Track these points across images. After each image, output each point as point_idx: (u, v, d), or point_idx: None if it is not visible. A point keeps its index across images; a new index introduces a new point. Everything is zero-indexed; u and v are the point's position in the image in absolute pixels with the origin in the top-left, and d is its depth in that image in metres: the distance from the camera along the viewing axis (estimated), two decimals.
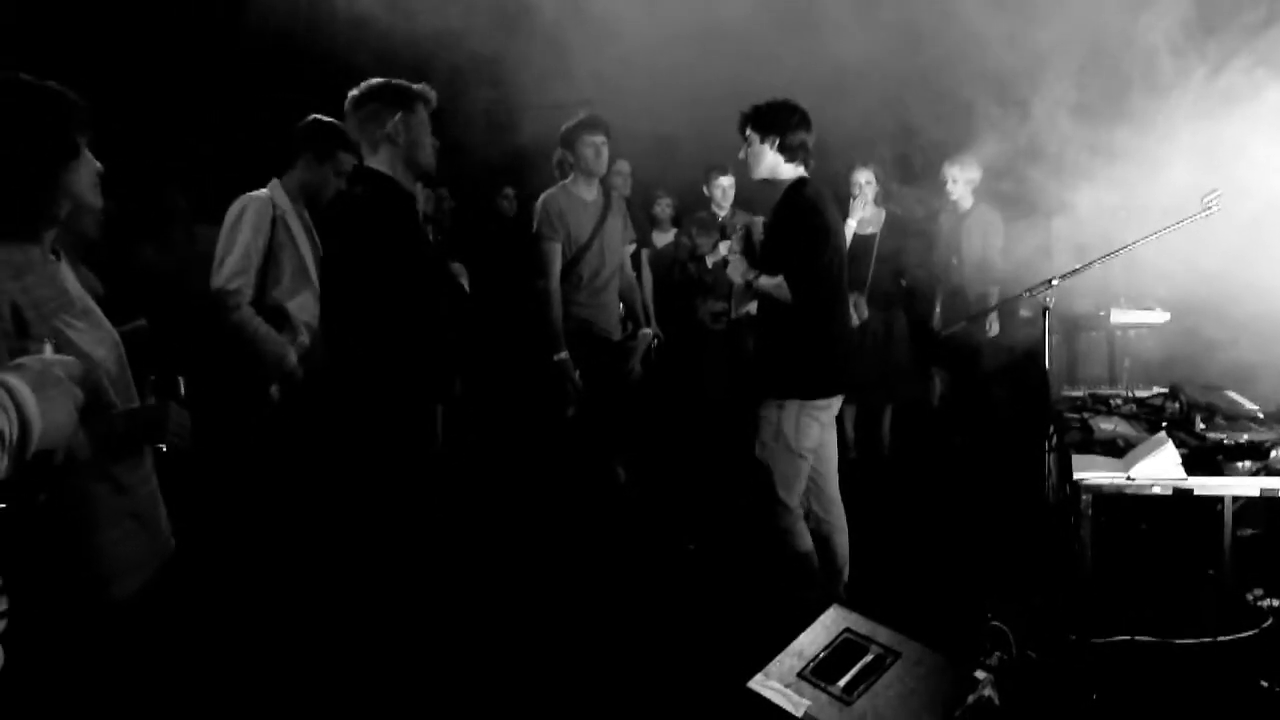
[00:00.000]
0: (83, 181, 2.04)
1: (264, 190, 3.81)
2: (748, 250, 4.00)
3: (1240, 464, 3.16)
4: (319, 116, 3.83)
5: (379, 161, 3.18)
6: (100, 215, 3.53)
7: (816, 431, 3.76)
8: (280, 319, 3.69)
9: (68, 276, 2.09)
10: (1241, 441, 3.24)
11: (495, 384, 5.69)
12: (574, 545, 4.62)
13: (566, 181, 4.70)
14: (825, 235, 3.70)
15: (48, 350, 1.56)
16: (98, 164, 2.11)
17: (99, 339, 2.06)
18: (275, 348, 3.64)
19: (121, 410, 2.05)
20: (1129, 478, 3.17)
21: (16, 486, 1.41)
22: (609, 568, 4.48)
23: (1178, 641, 3.41)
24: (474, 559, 4.55)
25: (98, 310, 2.15)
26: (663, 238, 6.64)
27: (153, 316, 3.57)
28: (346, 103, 3.26)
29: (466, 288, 3.41)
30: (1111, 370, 4.90)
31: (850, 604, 3.19)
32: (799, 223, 3.71)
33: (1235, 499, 3.69)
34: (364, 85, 3.23)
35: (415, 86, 3.26)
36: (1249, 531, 3.96)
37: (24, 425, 1.32)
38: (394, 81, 3.24)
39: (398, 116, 3.16)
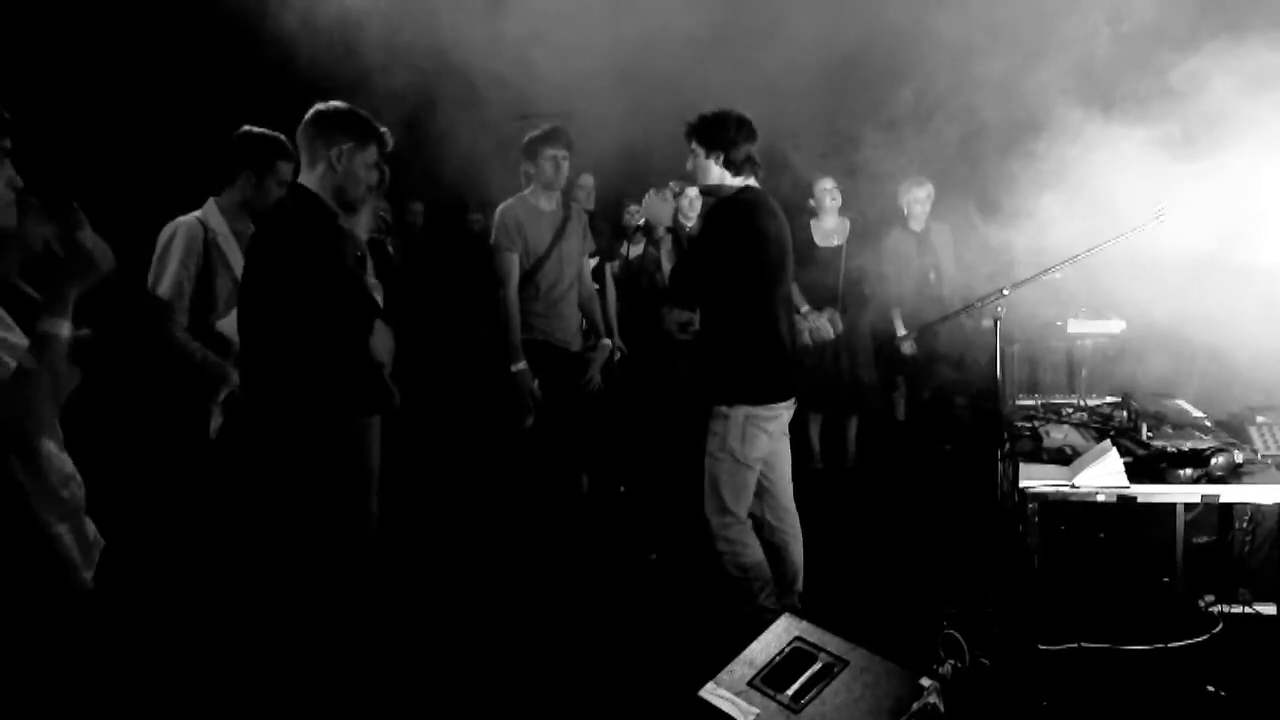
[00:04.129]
0: None
1: (196, 213, 3.64)
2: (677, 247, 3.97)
3: (1183, 471, 3.19)
4: (250, 128, 3.68)
5: (312, 179, 3.12)
6: (41, 217, 3.53)
7: (764, 442, 3.74)
8: (220, 345, 3.54)
9: None
10: (1184, 449, 3.27)
11: (454, 395, 5.70)
12: (534, 554, 4.62)
13: (525, 192, 4.72)
14: (755, 244, 3.65)
15: None
16: (16, 180, 2.12)
17: (8, 347, 2.08)
18: (215, 369, 3.50)
19: None
20: (1073, 485, 3.20)
21: None
22: (568, 577, 4.49)
23: (1128, 648, 3.45)
24: (432, 568, 4.56)
25: (9, 319, 2.16)
26: (634, 249, 6.66)
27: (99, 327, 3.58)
28: (308, 114, 3.19)
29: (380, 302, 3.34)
30: (1070, 380, 4.94)
31: (808, 613, 3.21)
32: (726, 230, 3.67)
33: (1189, 507, 3.75)
34: (330, 105, 3.17)
35: (377, 125, 3.20)
36: (1203, 539, 4.01)
37: None
38: (359, 112, 3.18)
39: (347, 146, 3.10)
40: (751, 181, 3.75)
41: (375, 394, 3.18)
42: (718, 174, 3.72)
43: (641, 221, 6.58)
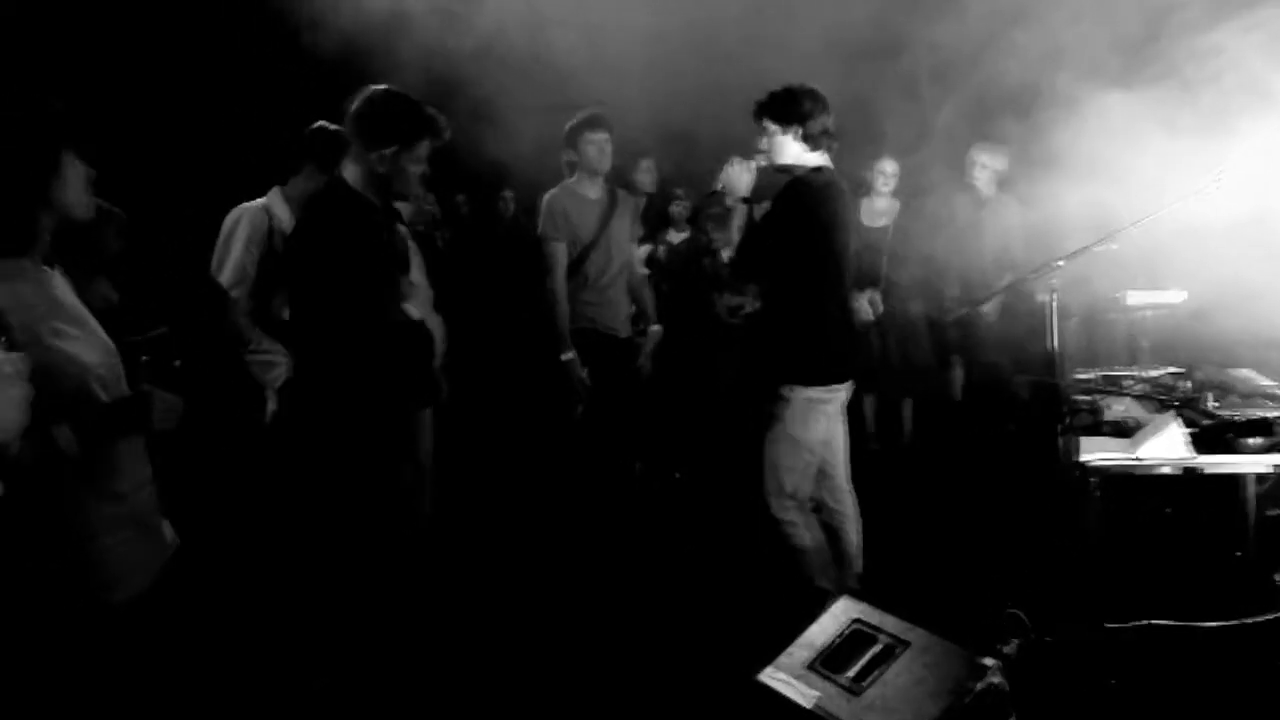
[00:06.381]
0: (68, 194, 2.05)
1: (260, 200, 3.70)
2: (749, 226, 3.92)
3: (1250, 441, 3.09)
4: (324, 124, 3.71)
5: (354, 173, 3.07)
6: (122, 228, 3.60)
7: (823, 424, 3.72)
8: (283, 333, 3.58)
9: (59, 285, 2.12)
10: (1251, 418, 3.17)
11: (504, 385, 5.73)
12: (587, 540, 4.63)
13: (570, 180, 4.72)
14: (825, 228, 3.64)
15: None
16: (88, 170, 2.13)
17: (91, 346, 2.09)
18: (259, 367, 3.55)
19: (106, 401, 2.07)
20: (1136, 458, 3.13)
21: None
22: (623, 562, 4.49)
23: (1199, 625, 3.35)
24: (484, 556, 4.58)
25: (93, 321, 2.17)
26: (680, 235, 6.66)
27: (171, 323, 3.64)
28: (355, 101, 3.06)
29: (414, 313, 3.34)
30: (1130, 352, 4.83)
31: (867, 594, 3.18)
32: (798, 213, 3.63)
33: (1260, 478, 3.63)
34: (380, 97, 3.04)
35: (431, 117, 3.07)
36: (1276, 512, 3.89)
37: None
38: (410, 107, 3.04)
39: (392, 150, 3.00)
40: (825, 159, 3.72)
41: (420, 387, 3.19)
42: (794, 150, 3.68)
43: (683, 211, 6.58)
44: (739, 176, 3.82)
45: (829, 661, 2.84)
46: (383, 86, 3.08)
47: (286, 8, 4.95)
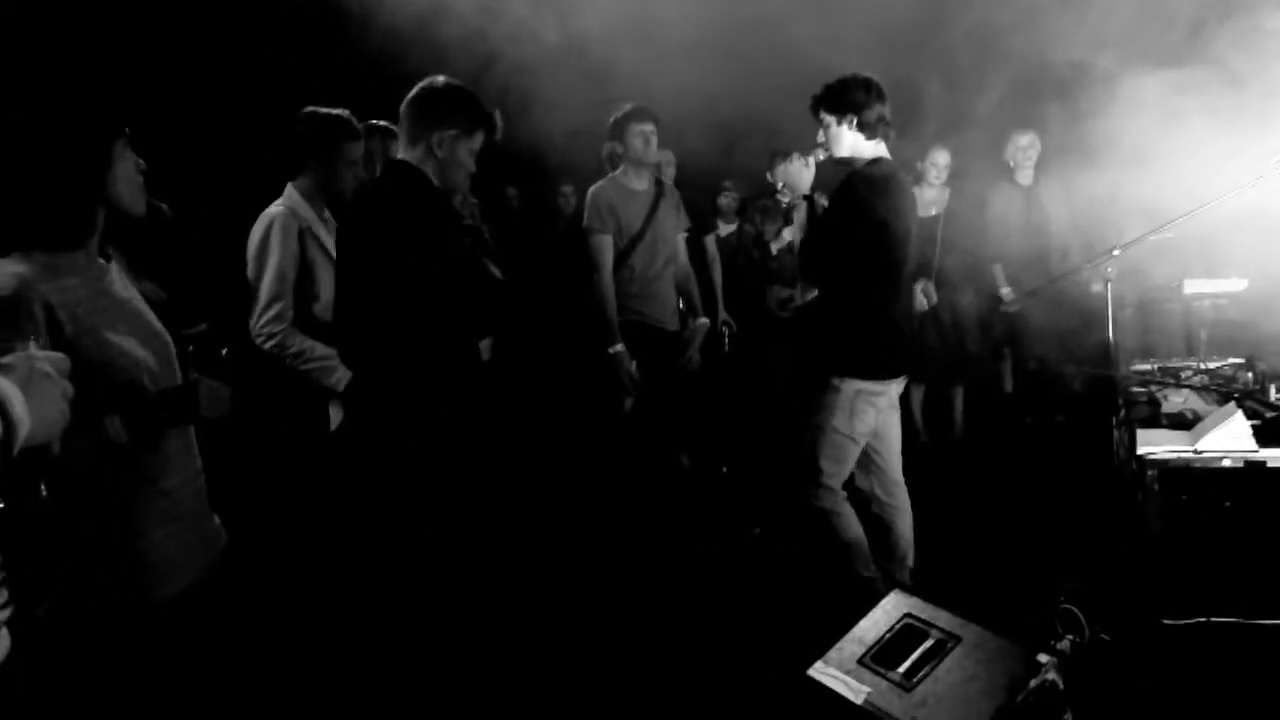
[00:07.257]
0: (121, 188, 2.06)
1: (282, 202, 3.59)
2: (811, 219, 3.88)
3: None
4: (313, 110, 3.60)
5: (414, 156, 3.03)
6: (167, 223, 3.62)
7: (872, 416, 3.68)
8: (327, 335, 3.48)
9: (114, 281, 2.13)
10: None
11: (553, 378, 5.73)
12: (635, 533, 4.63)
13: (616, 173, 4.72)
14: (882, 221, 3.58)
15: (32, 346, 1.59)
16: (140, 163, 2.13)
17: (142, 341, 2.10)
18: (319, 374, 3.48)
19: (154, 392, 2.08)
20: (1196, 451, 3.06)
21: (13, 481, 1.46)
22: (671, 556, 4.48)
23: (1259, 622, 3.28)
24: (532, 549, 4.59)
25: (145, 314, 2.19)
26: (728, 228, 6.64)
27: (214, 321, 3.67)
28: (415, 90, 3.08)
29: (499, 274, 3.29)
30: (1187, 343, 4.73)
31: (919, 589, 3.14)
32: (859, 207, 3.59)
33: None
34: (439, 84, 3.05)
35: (486, 111, 3.08)
36: None
37: (9, 423, 1.35)
38: (469, 96, 3.06)
39: (451, 133, 2.99)
40: (883, 149, 3.69)
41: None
42: (850, 141, 3.65)
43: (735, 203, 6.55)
44: (799, 173, 3.81)
45: (880, 657, 2.80)
46: (442, 77, 3.09)
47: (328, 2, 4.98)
